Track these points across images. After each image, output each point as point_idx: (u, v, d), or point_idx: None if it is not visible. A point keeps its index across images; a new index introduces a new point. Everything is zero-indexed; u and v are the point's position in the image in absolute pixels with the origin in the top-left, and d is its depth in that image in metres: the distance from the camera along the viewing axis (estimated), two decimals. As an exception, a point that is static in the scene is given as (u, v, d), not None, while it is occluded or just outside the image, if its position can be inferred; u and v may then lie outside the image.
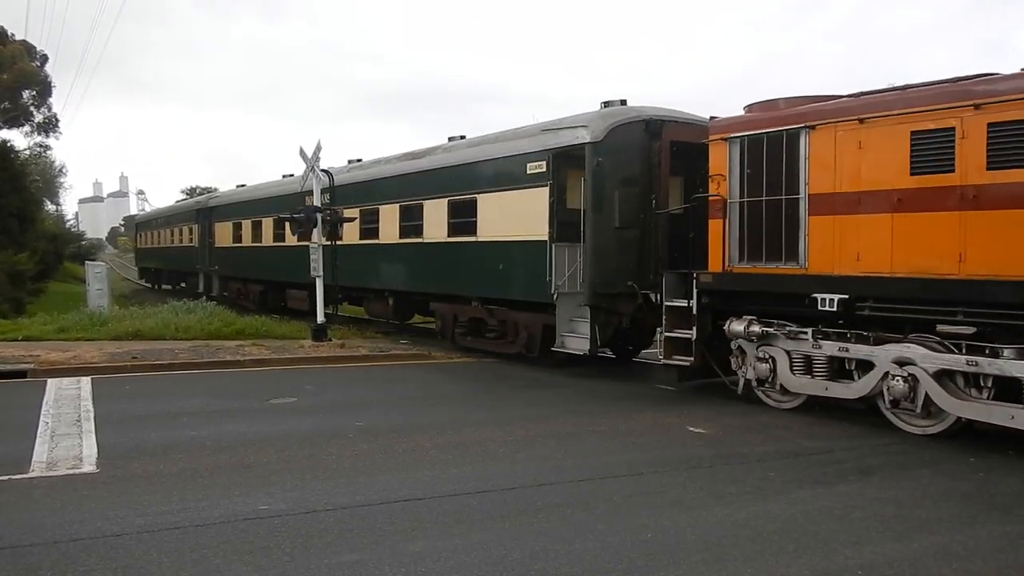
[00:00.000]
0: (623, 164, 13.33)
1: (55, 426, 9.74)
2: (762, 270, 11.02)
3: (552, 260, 13.87)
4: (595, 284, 13.28)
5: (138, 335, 17.90)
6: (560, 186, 14.24)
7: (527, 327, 15.20)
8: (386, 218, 19.18)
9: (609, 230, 13.24)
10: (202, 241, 32.55)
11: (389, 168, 19.73)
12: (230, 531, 6.14)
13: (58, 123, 48.69)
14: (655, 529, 6.28)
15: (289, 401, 11.64)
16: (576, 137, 13.72)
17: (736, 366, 11.63)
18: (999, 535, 6.23)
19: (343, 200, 20.34)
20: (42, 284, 36.32)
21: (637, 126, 13.48)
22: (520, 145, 15.08)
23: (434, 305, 18.11)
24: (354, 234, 20.27)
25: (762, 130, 11.03)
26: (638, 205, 13.31)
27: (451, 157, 17.21)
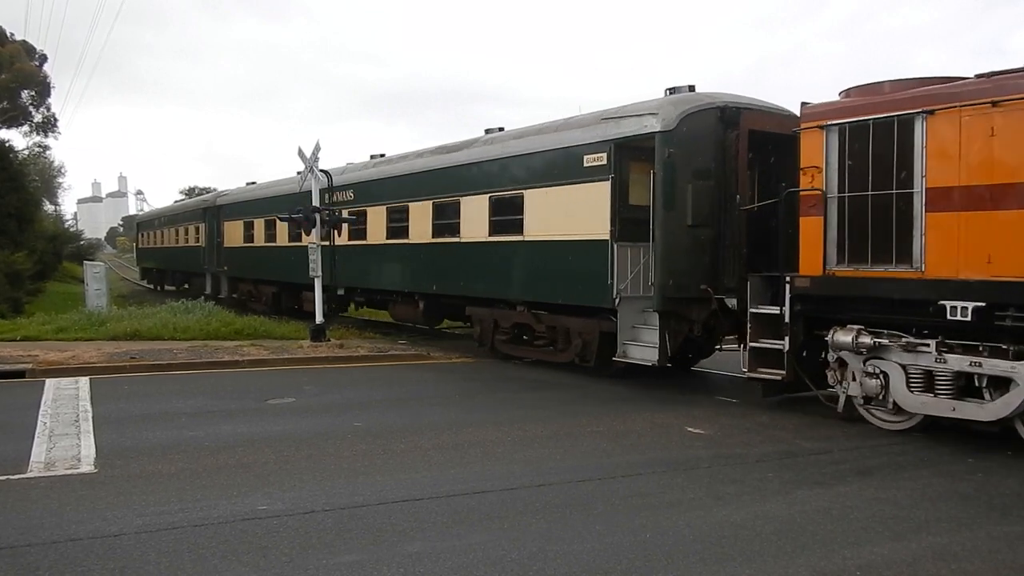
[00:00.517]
0: (696, 156, 12.14)
1: (53, 426, 9.73)
2: (871, 274, 9.73)
3: (614, 261, 12.78)
4: (665, 288, 12.12)
5: (137, 335, 17.90)
6: (622, 180, 13.07)
7: (581, 334, 14.10)
8: (417, 216, 17.95)
9: (681, 228, 12.09)
10: (210, 241, 31.36)
11: (420, 163, 18.36)
12: (228, 531, 6.13)
13: (57, 123, 48.78)
14: (654, 530, 6.27)
15: (288, 401, 11.64)
16: (644, 126, 12.48)
17: (833, 380, 10.40)
18: (998, 536, 6.24)
19: (367, 198, 19.72)
20: (41, 284, 36.30)
21: (711, 114, 12.29)
22: (575, 136, 13.86)
23: (471, 310, 16.94)
24: (380, 233, 19.33)
25: (867, 116, 9.79)
26: (712, 201, 12.13)
27: (493, 150, 15.98)
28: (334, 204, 20.46)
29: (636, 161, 13.16)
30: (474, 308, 16.75)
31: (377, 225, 19.37)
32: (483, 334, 16.57)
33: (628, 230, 12.92)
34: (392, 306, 20.05)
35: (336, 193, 20.96)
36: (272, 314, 23.79)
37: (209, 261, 31.38)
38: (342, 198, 20.83)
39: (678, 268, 12.13)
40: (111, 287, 31.55)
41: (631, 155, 13.13)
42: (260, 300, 27.10)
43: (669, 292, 12.13)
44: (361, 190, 20.28)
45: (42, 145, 54.02)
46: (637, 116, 12.78)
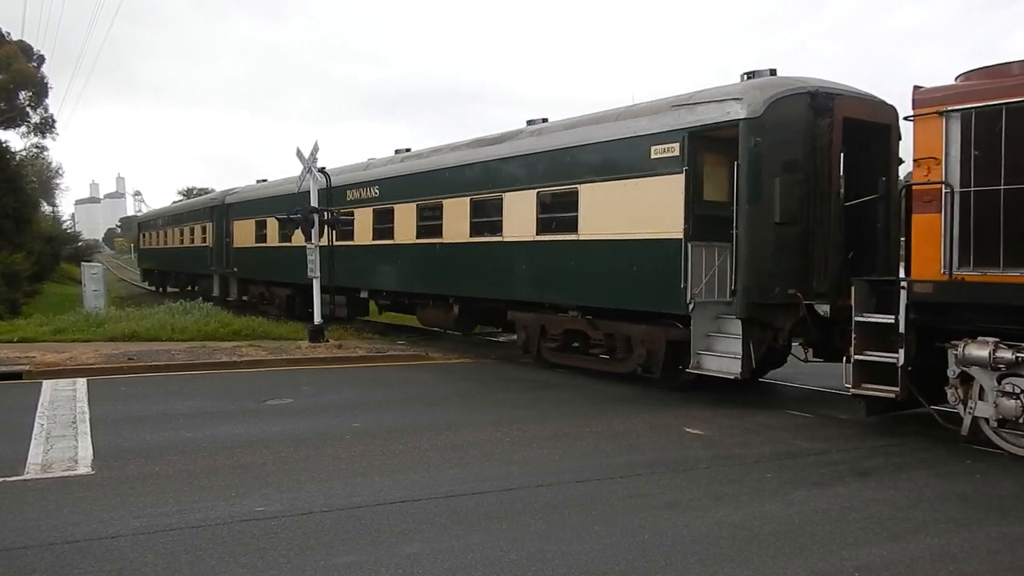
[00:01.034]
0: (784, 145, 11.13)
1: (50, 428, 9.71)
2: (1011, 279, 8.55)
3: (687, 263, 11.70)
4: (750, 292, 11.10)
5: (134, 336, 17.89)
6: (696, 173, 11.99)
7: (645, 342, 12.91)
8: (452, 214, 16.82)
9: (768, 226, 11.05)
10: (218, 241, 30.02)
11: (456, 157, 17.11)
12: (226, 533, 6.12)
13: (55, 124, 48.73)
14: (652, 530, 6.27)
15: (286, 402, 11.62)
16: (725, 113, 11.42)
17: (954, 399, 9.16)
18: (996, 537, 6.23)
19: (394, 194, 18.81)
20: (38, 285, 36.28)
21: (801, 99, 11.27)
22: (641, 125, 12.67)
23: (514, 315, 15.75)
24: (409, 232, 18.22)
25: (997, 101, 8.71)
26: (801, 196, 11.11)
27: (541, 142, 14.80)
28: (357, 202, 20.08)
29: (713, 152, 12.25)
30: (518, 313, 15.65)
31: (406, 223, 18.33)
32: (528, 341, 15.50)
33: (702, 228, 11.88)
34: (421, 310, 18.98)
35: (358, 190, 20.30)
36: (286, 317, 22.97)
37: (217, 262, 30.17)
38: (365, 195, 20.05)
39: (764, 270, 11.14)
40: (109, 288, 31.54)
41: (706, 146, 12.15)
42: (273, 303, 25.89)
43: (754, 297, 11.13)
44: (387, 186, 19.23)
45: (40, 146, 53.99)
46: (717, 102, 11.70)
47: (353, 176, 21.08)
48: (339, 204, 20.69)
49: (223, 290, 30.33)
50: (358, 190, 20.41)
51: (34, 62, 46.70)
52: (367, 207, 19.96)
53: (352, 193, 20.64)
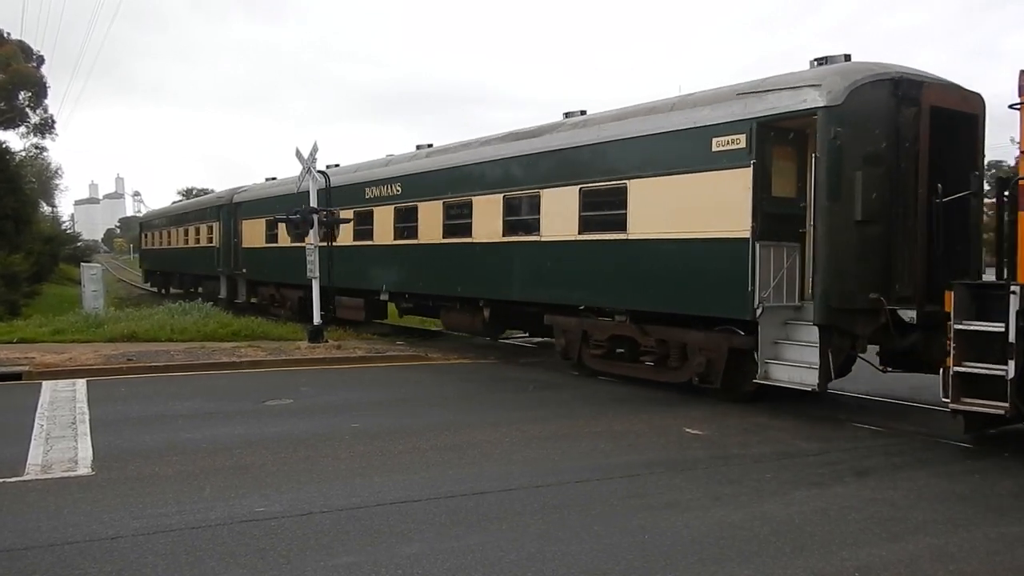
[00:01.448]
0: (867, 136, 10.27)
1: (50, 428, 9.71)
2: None
3: (756, 264, 10.80)
4: (830, 296, 10.22)
5: (134, 337, 17.88)
6: (764, 167, 11.07)
7: (703, 350, 11.98)
8: (483, 212, 15.90)
9: (847, 225, 10.22)
10: (226, 241, 28.97)
11: (487, 152, 16.13)
12: (226, 533, 6.12)
13: (54, 124, 48.69)
14: (652, 530, 6.27)
15: (285, 403, 11.62)
16: (801, 101, 10.55)
17: None
18: (995, 537, 6.24)
19: (417, 192, 17.89)
20: (37, 286, 36.25)
21: (884, 87, 10.40)
22: (700, 116, 11.75)
23: (553, 319, 14.80)
24: (435, 231, 17.27)
25: None
26: (883, 191, 10.27)
27: (584, 135, 13.84)
28: (376, 200, 19.36)
29: (782, 144, 11.40)
30: (557, 317, 14.70)
31: (431, 222, 17.40)
32: (568, 347, 14.50)
33: (769, 227, 11.05)
34: (446, 313, 18.10)
35: (378, 187, 19.49)
36: (298, 320, 22.14)
37: (225, 263, 29.15)
38: (386, 192, 19.17)
39: (845, 273, 10.26)
40: (108, 289, 31.50)
41: (777, 137, 11.26)
42: (284, 305, 24.74)
43: (833, 302, 10.23)
44: (411, 183, 18.27)
45: (39, 146, 53.95)
46: (791, 89, 10.78)
47: (372, 173, 20.23)
48: (357, 203, 20.06)
49: (231, 292, 29.50)
50: (378, 187, 19.55)
51: (33, 62, 46.69)
52: (387, 205, 19.09)
53: (371, 191, 19.80)
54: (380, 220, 19.42)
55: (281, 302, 25.10)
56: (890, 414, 11.14)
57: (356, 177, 20.78)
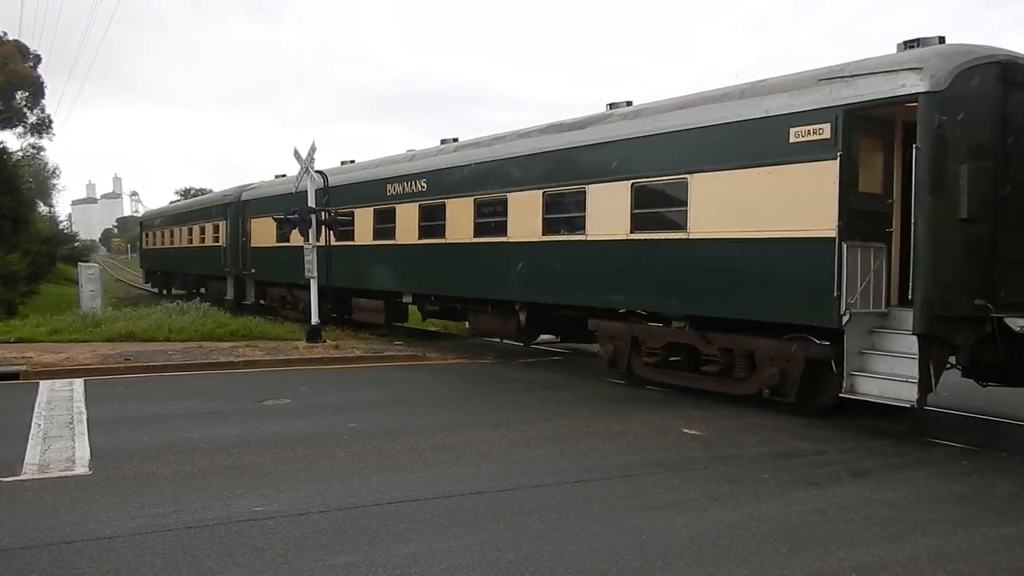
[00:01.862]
0: (972, 126, 9.26)
1: (47, 428, 9.70)
2: None
3: (842, 267, 9.81)
4: (932, 303, 9.19)
5: (131, 337, 17.87)
6: (851, 159, 10.05)
7: (775, 360, 10.99)
8: (520, 209, 14.85)
9: (951, 224, 9.21)
10: (233, 240, 27.82)
11: (524, 145, 15.05)
12: (224, 533, 6.11)
13: (51, 124, 48.69)
14: (650, 531, 6.27)
15: (283, 403, 11.62)
16: (899, 86, 9.51)
17: None
18: (993, 537, 6.25)
19: (442, 189, 16.85)
20: (35, 286, 36.21)
21: (990, 71, 9.39)
22: (775, 103, 10.71)
23: (599, 324, 13.81)
24: (465, 230, 16.17)
25: None
26: (990, 187, 9.30)
27: (637, 126, 12.76)
28: (399, 197, 18.22)
29: (870, 134, 10.42)
30: (603, 322, 13.71)
31: (460, 220, 16.29)
32: (616, 355, 13.47)
33: (856, 226, 10.06)
34: (474, 316, 17.03)
35: (400, 184, 18.29)
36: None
37: (232, 263, 28.02)
38: (409, 189, 18.01)
39: (948, 277, 9.26)
40: (106, 289, 31.47)
41: (864, 127, 10.23)
42: (296, 307, 23.35)
43: (936, 309, 9.23)
44: (437, 179, 17.15)
45: (36, 146, 53.95)
46: (885, 73, 9.74)
47: (394, 169, 19.01)
48: (377, 200, 19.10)
49: (238, 293, 28.52)
50: (400, 184, 18.34)
51: (30, 62, 46.67)
52: (411, 202, 17.94)
53: (394, 187, 18.56)
54: (403, 218, 18.25)
55: (293, 304, 23.97)
56: (888, 415, 11.12)
57: (376, 173, 19.71)
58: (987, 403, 11.59)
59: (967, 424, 10.77)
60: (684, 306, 12.06)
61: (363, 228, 19.74)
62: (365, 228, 19.69)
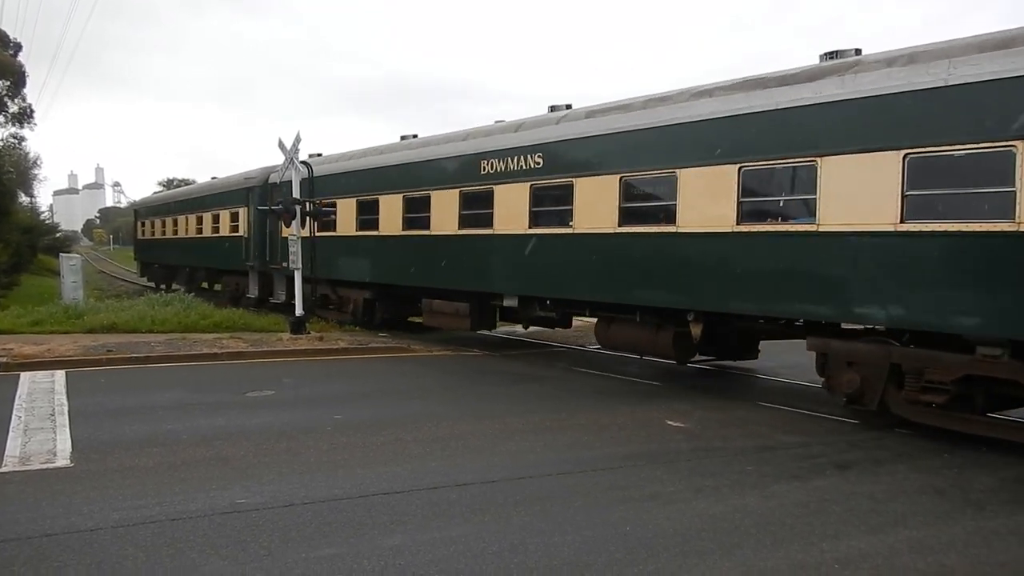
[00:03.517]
0: None
1: (28, 420, 9.61)
2: None
3: None
4: None
5: (113, 328, 17.73)
6: None
7: None
8: (698, 191, 11.42)
9: None
10: (259, 230, 24.23)
11: (704, 108, 11.57)
12: (207, 525, 6.09)
13: (32, 114, 48.22)
14: (634, 522, 6.30)
15: (267, 394, 11.57)
16: None
17: None
18: (973, 530, 6.31)
19: (567, 166, 13.65)
20: (15, 277, 35.85)
21: None
22: (981, 67, 8.59)
23: (828, 344, 10.44)
24: (602, 217, 12.87)
25: None
26: None
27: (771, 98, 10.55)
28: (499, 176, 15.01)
29: None
30: (834, 342, 10.39)
31: (598, 205, 12.98)
32: (864, 387, 9.96)
33: None
34: (609, 326, 13.77)
35: (502, 159, 15.03)
36: (363, 326, 19.52)
37: (257, 256, 24.35)
38: (516, 166, 14.71)
39: None
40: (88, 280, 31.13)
41: None
42: (343, 307, 20.63)
43: None
44: (560, 154, 13.92)
45: (17, 136, 53.34)
46: None
47: (492, 142, 15.56)
48: (466, 180, 15.89)
49: (264, 290, 24.88)
50: (501, 160, 15.08)
51: (11, 51, 46.12)
52: (518, 183, 14.62)
53: (490, 164, 15.33)
54: (504, 202, 14.91)
55: (338, 303, 20.98)
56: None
57: (459, 148, 16.38)
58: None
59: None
60: (997, 326, 8.66)
61: (442, 214, 16.42)
62: (445, 214, 16.33)
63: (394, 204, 17.94)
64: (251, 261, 24.78)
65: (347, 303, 20.43)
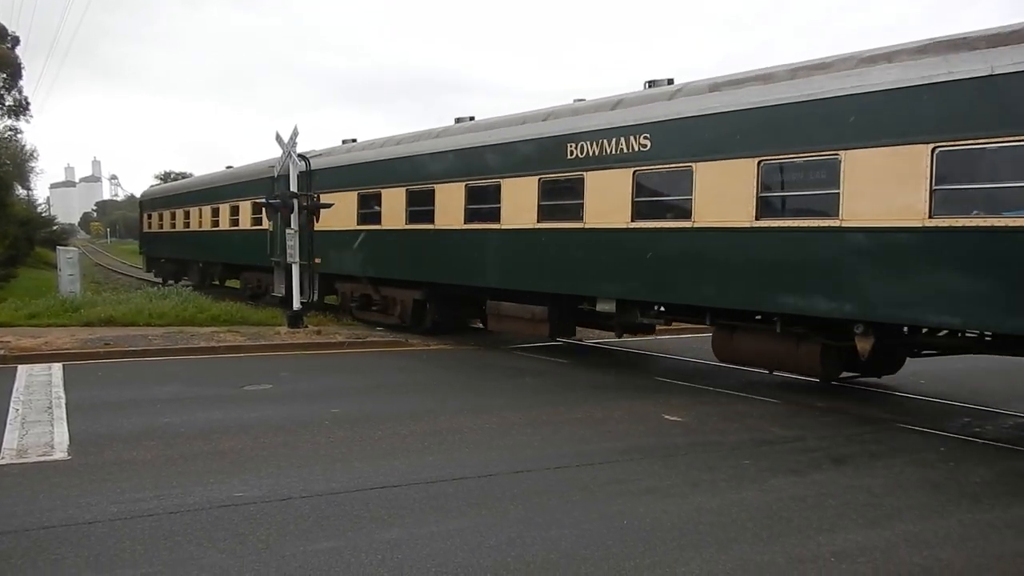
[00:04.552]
0: None
1: (26, 413, 9.61)
2: None
3: None
4: None
5: (111, 321, 17.71)
6: None
7: None
8: (871, 178, 9.57)
9: None
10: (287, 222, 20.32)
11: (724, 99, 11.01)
12: (204, 518, 6.09)
13: (29, 106, 47.94)
14: (631, 516, 6.31)
15: (264, 388, 11.57)
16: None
17: None
18: (968, 523, 6.33)
19: (685, 148, 11.66)
20: (12, 270, 35.76)
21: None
22: None
23: None
24: (734, 208, 10.92)
25: None
26: None
27: (985, 61, 8.55)
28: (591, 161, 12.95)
29: None
30: None
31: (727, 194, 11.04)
32: None
33: None
34: (733, 336, 11.73)
35: (596, 141, 12.91)
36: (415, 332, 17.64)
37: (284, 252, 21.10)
38: (615, 149, 12.64)
39: None
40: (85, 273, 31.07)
41: None
42: (389, 309, 18.67)
43: None
44: (673, 134, 11.87)
45: (14, 128, 53.12)
46: None
47: (584, 123, 13.38)
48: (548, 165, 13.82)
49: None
50: (595, 142, 12.96)
51: (8, 43, 45.91)
52: (618, 168, 12.55)
53: (579, 148, 13.22)
54: (598, 191, 12.90)
55: (382, 305, 18.93)
56: (866, 402, 11.23)
57: (544, 129, 14.18)
58: (967, 391, 11.77)
59: (945, 412, 10.87)
60: None
61: (515, 205, 14.40)
62: (519, 205, 14.33)
63: (452, 194, 15.88)
64: (277, 257, 22.18)
65: (393, 304, 18.50)
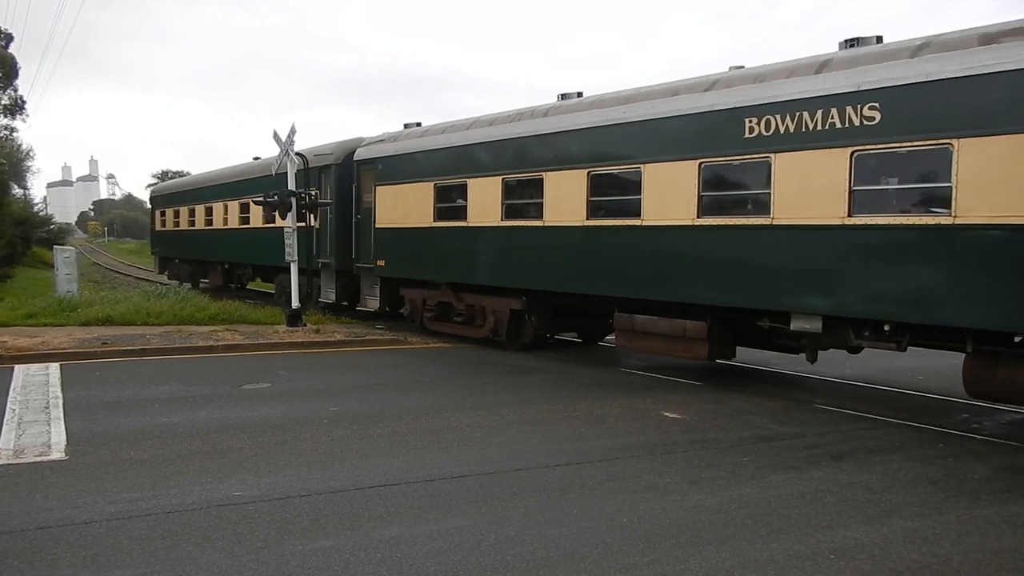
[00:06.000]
0: None
1: (22, 413, 9.58)
2: None
3: None
4: None
5: (108, 321, 17.68)
6: None
7: None
8: None
9: None
10: (336, 219, 19.79)
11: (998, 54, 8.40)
12: (203, 518, 6.08)
13: (25, 105, 47.85)
14: (630, 514, 6.30)
15: (263, 387, 11.55)
16: None
17: None
18: (967, 520, 6.33)
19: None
20: (9, 269, 35.73)
21: None
22: None
23: None
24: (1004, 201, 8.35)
25: None
26: None
27: None
28: (791, 139, 10.16)
29: None
30: None
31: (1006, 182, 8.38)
32: None
33: None
34: (990, 366, 9.08)
35: (797, 112, 10.15)
36: (511, 347, 15.54)
37: (334, 252, 19.98)
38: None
39: None
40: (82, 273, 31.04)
41: None
42: (478, 321, 16.22)
43: None
44: (901, 103, 9.23)
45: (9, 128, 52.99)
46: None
47: (768, 92, 10.53)
48: (714, 149, 11.11)
49: (342, 294, 20.52)
50: (767, 118, 10.45)
51: (2, 41, 45.81)
52: (817, 149, 9.94)
53: (762, 124, 10.51)
54: (791, 178, 10.24)
55: (469, 315, 16.37)
56: (864, 399, 11.24)
57: (706, 102, 11.38)
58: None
59: (943, 408, 10.89)
60: None
61: (663, 195, 11.82)
62: (669, 195, 11.73)
63: (569, 184, 13.26)
64: (325, 258, 20.21)
65: (481, 314, 16.06)
